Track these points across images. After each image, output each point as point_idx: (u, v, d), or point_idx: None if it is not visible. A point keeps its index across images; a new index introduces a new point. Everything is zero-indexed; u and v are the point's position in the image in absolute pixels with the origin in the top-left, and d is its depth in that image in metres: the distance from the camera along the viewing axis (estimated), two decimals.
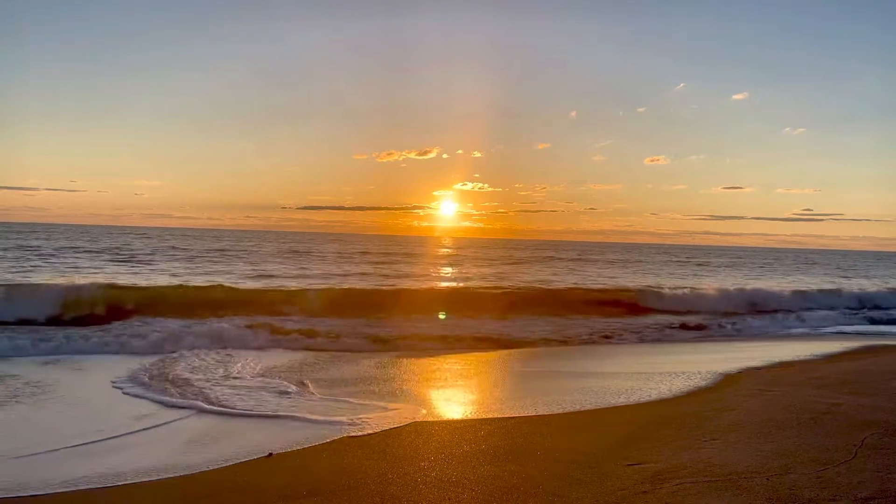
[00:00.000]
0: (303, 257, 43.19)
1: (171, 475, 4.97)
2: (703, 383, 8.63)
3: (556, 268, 41.99)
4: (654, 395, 7.87)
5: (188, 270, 27.74)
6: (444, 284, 26.46)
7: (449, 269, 37.47)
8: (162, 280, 22.08)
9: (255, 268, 30.82)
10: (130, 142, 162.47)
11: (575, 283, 27.28)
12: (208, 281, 21.47)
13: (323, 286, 21.62)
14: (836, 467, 4.84)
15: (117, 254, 37.22)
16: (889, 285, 30.18)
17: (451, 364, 10.62)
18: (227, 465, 5.23)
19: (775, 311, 20.52)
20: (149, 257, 35.62)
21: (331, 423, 6.47)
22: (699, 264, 55.39)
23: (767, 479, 4.61)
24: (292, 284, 21.95)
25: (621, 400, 7.62)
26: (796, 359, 11.10)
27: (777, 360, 10.91)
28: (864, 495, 4.24)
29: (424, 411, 7.08)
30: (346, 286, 22.25)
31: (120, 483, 4.79)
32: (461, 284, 26.32)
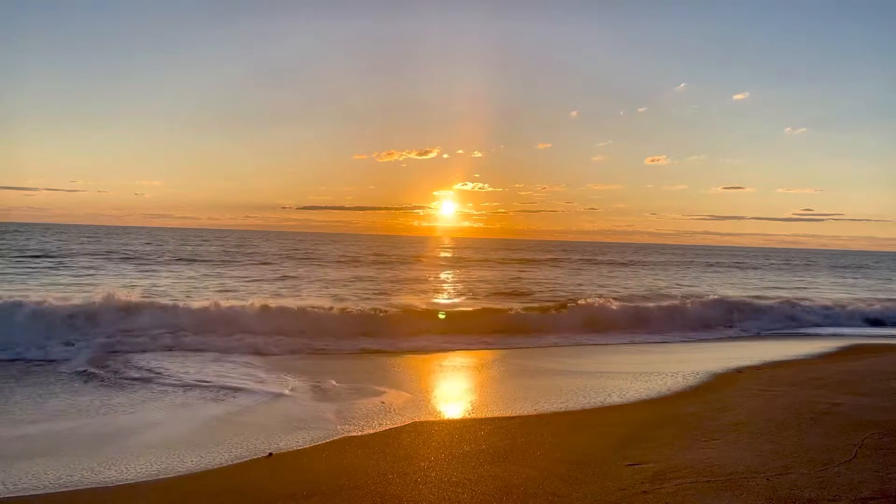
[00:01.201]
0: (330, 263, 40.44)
1: (172, 475, 4.97)
2: (702, 383, 8.64)
3: (600, 271, 40.05)
4: (655, 395, 7.87)
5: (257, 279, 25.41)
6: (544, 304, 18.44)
7: (500, 277, 32.73)
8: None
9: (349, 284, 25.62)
10: (130, 142, 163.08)
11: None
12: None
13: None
14: (836, 467, 4.84)
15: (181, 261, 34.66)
16: None
17: (451, 364, 10.62)
18: (227, 465, 5.23)
19: None
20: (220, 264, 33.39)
21: (330, 419, 6.49)
22: (751, 268, 52.17)
23: (767, 479, 4.61)
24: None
25: (621, 400, 7.62)
26: (796, 358, 11.10)
27: (776, 359, 10.91)
28: (864, 495, 4.24)
29: (424, 411, 7.09)
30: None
31: (120, 482, 4.80)
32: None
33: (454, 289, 25.25)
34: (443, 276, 33.44)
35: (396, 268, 37.46)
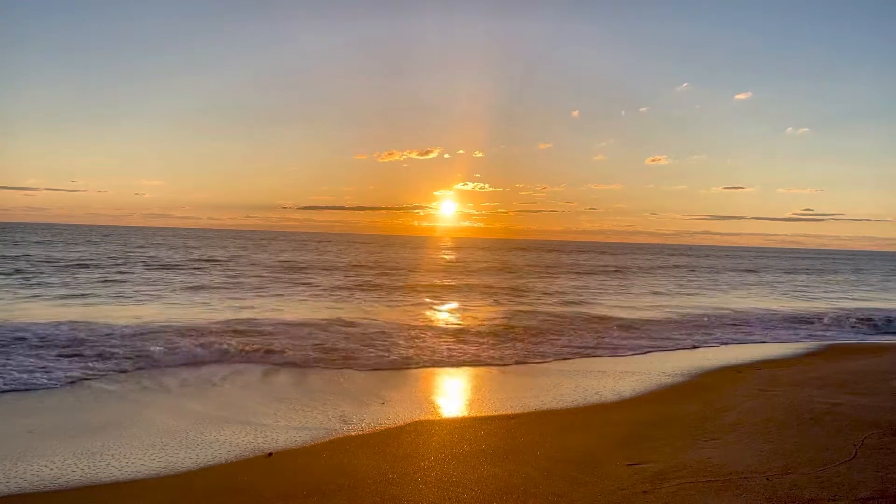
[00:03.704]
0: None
1: (172, 473, 4.97)
2: (702, 382, 8.63)
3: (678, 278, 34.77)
4: (654, 395, 7.86)
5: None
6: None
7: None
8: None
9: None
10: (130, 142, 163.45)
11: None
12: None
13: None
14: (836, 467, 4.83)
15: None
16: None
17: (452, 365, 10.61)
18: (227, 464, 5.23)
19: None
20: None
21: (330, 418, 6.48)
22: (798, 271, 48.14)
23: (767, 479, 4.61)
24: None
25: (621, 399, 7.62)
26: (795, 357, 11.09)
27: (776, 358, 10.90)
28: (864, 495, 4.23)
29: (424, 411, 7.09)
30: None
31: (121, 480, 4.79)
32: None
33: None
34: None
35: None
